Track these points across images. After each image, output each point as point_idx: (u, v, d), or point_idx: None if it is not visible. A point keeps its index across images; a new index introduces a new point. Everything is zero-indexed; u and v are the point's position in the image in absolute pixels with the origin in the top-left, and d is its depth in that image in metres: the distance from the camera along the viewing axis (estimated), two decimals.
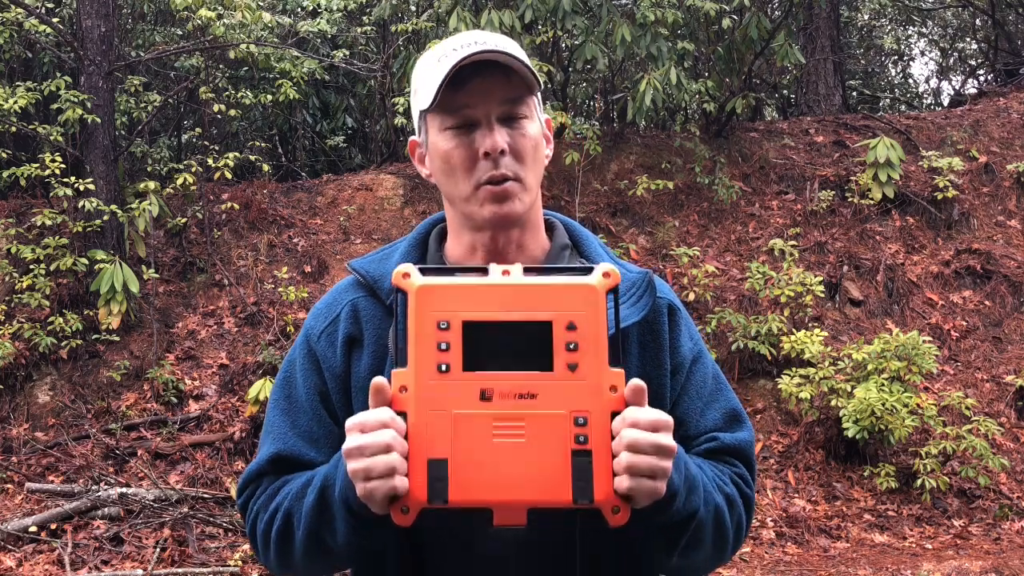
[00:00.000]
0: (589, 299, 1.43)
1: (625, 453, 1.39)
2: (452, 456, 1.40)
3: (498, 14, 8.60)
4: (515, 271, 1.45)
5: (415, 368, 1.42)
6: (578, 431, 1.41)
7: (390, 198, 9.93)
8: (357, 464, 1.40)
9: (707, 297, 8.58)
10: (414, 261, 1.70)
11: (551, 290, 1.44)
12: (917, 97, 17.39)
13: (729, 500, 1.66)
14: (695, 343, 1.76)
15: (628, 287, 1.68)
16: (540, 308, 1.42)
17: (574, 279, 1.45)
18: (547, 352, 1.42)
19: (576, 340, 1.42)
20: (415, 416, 1.41)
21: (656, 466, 1.40)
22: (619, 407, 1.42)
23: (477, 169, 1.61)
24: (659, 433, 1.41)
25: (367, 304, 1.69)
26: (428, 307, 1.42)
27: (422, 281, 1.44)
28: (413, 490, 1.39)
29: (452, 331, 1.41)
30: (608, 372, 1.43)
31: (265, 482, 1.68)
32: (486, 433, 1.40)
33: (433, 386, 1.41)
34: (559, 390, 1.41)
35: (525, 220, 1.67)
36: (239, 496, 1.72)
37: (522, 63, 1.59)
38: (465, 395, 1.41)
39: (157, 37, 11.38)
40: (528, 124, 1.63)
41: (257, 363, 8.17)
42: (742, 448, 1.73)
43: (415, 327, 1.42)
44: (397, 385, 1.43)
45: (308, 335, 1.73)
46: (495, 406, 1.41)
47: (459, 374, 1.41)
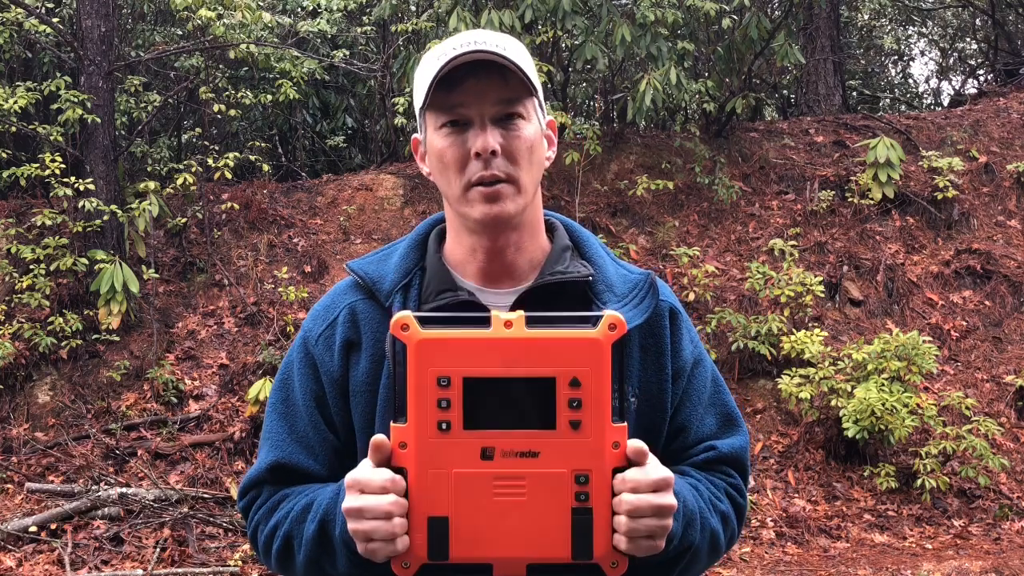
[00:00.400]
0: (593, 354, 1.41)
1: (625, 518, 1.40)
2: (453, 514, 1.40)
3: (498, 14, 8.60)
4: (517, 322, 1.42)
5: (415, 425, 1.41)
6: (579, 489, 1.41)
7: (390, 198, 9.93)
8: (358, 526, 1.42)
9: (707, 297, 8.58)
10: (414, 263, 1.70)
11: (554, 344, 1.41)
12: (917, 97, 17.39)
13: (724, 519, 1.67)
14: (695, 346, 1.76)
15: (630, 289, 1.67)
16: (543, 363, 1.41)
17: (578, 332, 1.42)
18: (550, 409, 1.41)
19: (579, 397, 1.41)
20: (416, 474, 1.41)
21: (656, 527, 1.42)
22: (621, 463, 1.42)
23: (468, 169, 1.60)
24: (660, 493, 1.42)
25: (365, 307, 1.68)
26: (428, 362, 1.40)
27: (422, 334, 1.41)
28: (414, 547, 1.41)
29: (453, 388, 1.40)
30: (611, 428, 1.42)
31: (266, 491, 1.69)
32: (487, 491, 1.41)
33: (434, 444, 1.41)
34: (561, 448, 1.41)
35: (521, 221, 1.65)
36: (240, 499, 1.73)
37: (516, 65, 1.57)
38: (466, 454, 1.41)
39: (157, 37, 11.38)
40: (524, 125, 1.61)
41: (257, 363, 8.17)
42: (738, 456, 1.74)
43: (414, 382, 1.41)
44: (397, 441, 1.42)
45: (306, 338, 1.73)
46: (496, 465, 1.40)
47: (460, 432, 1.40)
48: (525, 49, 1.68)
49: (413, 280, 1.68)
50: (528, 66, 1.62)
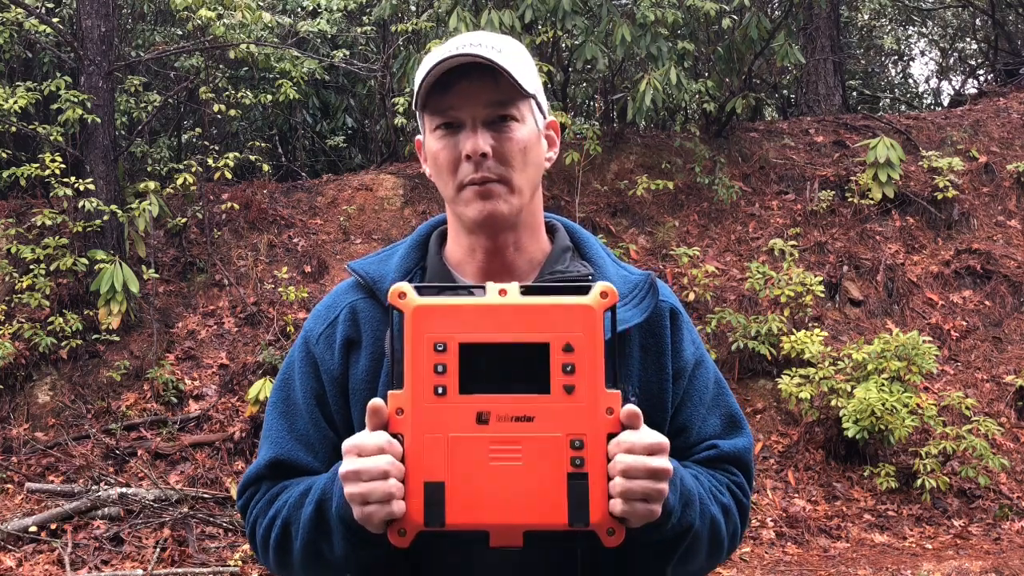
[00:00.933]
0: (586, 320, 1.43)
1: (620, 478, 1.40)
2: (449, 479, 1.41)
3: (498, 14, 8.60)
4: (512, 290, 1.44)
5: (411, 390, 1.42)
6: (574, 454, 1.41)
7: (390, 198, 9.93)
8: (354, 488, 1.41)
9: (707, 297, 8.58)
10: (414, 263, 1.71)
11: (548, 311, 1.43)
12: (917, 97, 17.39)
13: (725, 510, 1.67)
14: (697, 347, 1.76)
15: (630, 289, 1.68)
16: (537, 329, 1.42)
17: (571, 299, 1.44)
18: (544, 374, 1.42)
19: (573, 362, 1.42)
20: (412, 439, 1.42)
21: (651, 490, 1.42)
22: (615, 429, 1.43)
23: (460, 171, 1.61)
24: (654, 456, 1.42)
25: (366, 306, 1.69)
26: (424, 328, 1.42)
27: (418, 301, 1.43)
28: (410, 513, 1.41)
29: (449, 353, 1.41)
30: (605, 394, 1.43)
31: (264, 487, 1.69)
32: (483, 456, 1.41)
33: (430, 409, 1.41)
34: (556, 412, 1.42)
35: (518, 221, 1.66)
36: (239, 498, 1.73)
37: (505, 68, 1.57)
38: (462, 418, 1.41)
39: (157, 37, 11.38)
40: (517, 127, 1.62)
41: (257, 363, 8.17)
42: (740, 455, 1.73)
43: (411, 348, 1.42)
44: (393, 407, 1.43)
45: (307, 337, 1.74)
46: (492, 429, 1.41)
47: (456, 397, 1.41)
48: (524, 51, 1.68)
49: (414, 279, 1.69)
50: (523, 68, 1.62)
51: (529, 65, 1.66)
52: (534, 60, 1.78)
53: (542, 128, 1.69)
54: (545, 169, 1.72)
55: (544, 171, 1.72)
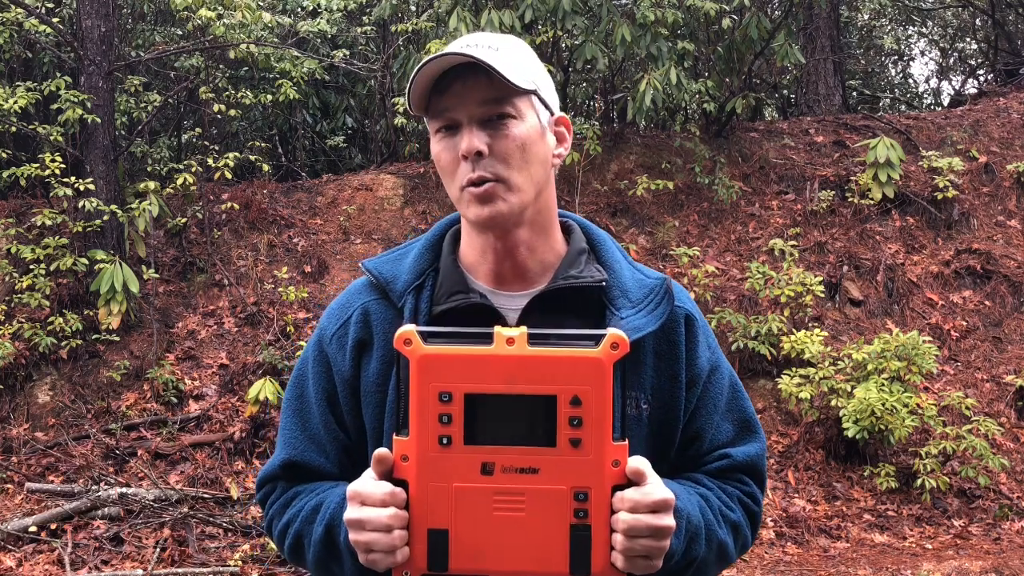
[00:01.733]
0: (595, 373, 1.41)
1: (622, 537, 1.41)
2: (453, 527, 1.42)
3: (498, 14, 8.60)
4: (520, 339, 1.42)
5: (416, 439, 1.42)
6: (578, 506, 1.42)
7: (390, 198, 9.92)
8: (358, 537, 1.44)
9: (707, 297, 8.58)
10: (428, 263, 1.70)
11: (556, 362, 1.42)
12: (917, 97, 17.39)
13: (734, 528, 1.67)
14: (712, 352, 1.74)
15: (645, 294, 1.66)
16: (544, 381, 1.41)
17: (580, 350, 1.43)
18: (550, 426, 1.41)
19: (580, 415, 1.41)
20: (416, 487, 1.43)
21: (652, 548, 1.43)
22: (621, 481, 1.43)
23: (459, 172, 1.60)
24: (658, 515, 1.42)
25: (378, 307, 1.69)
26: (430, 377, 1.42)
27: (424, 349, 1.42)
28: (414, 558, 1.43)
29: (454, 403, 1.41)
30: (611, 447, 1.43)
31: (280, 487, 1.73)
32: (487, 506, 1.42)
33: (435, 458, 1.42)
34: (561, 465, 1.42)
35: (525, 220, 1.64)
36: (258, 491, 1.78)
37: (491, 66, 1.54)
38: (466, 468, 1.42)
39: (157, 37, 11.38)
40: (514, 124, 1.59)
41: (257, 363, 8.17)
42: (753, 463, 1.73)
43: (416, 397, 1.42)
44: (399, 453, 1.44)
45: (321, 336, 1.74)
46: (496, 480, 1.42)
47: (460, 447, 1.42)
48: (525, 48, 1.66)
49: (426, 281, 1.68)
50: (520, 65, 1.60)
51: (529, 61, 1.64)
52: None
53: (546, 124, 1.66)
54: (555, 166, 1.69)
55: (555, 167, 1.69)
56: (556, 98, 1.72)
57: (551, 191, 1.70)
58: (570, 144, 1.73)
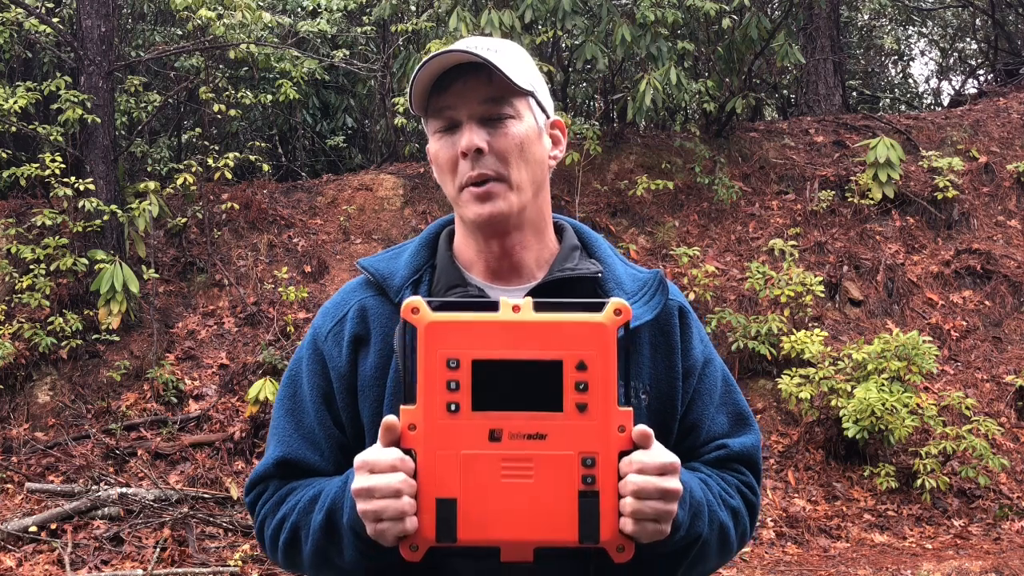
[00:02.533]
0: (600, 338, 1.42)
1: (631, 499, 1.42)
2: (461, 495, 1.42)
3: (498, 14, 8.60)
4: (525, 306, 1.44)
5: (424, 407, 1.42)
6: (586, 472, 1.42)
7: (390, 198, 9.92)
8: (367, 505, 1.43)
9: (707, 297, 8.58)
10: (424, 260, 1.71)
11: (561, 328, 1.43)
12: (917, 97, 17.39)
13: (734, 513, 1.68)
14: (705, 345, 1.77)
15: (640, 287, 1.69)
16: (550, 347, 1.42)
17: (585, 316, 1.44)
18: (557, 392, 1.42)
19: (586, 380, 1.42)
20: (424, 456, 1.42)
21: (661, 510, 1.43)
22: (627, 447, 1.44)
23: (459, 170, 1.61)
24: (665, 477, 1.43)
25: (375, 303, 1.69)
26: (437, 344, 1.42)
27: (431, 317, 1.43)
28: (422, 529, 1.42)
29: (462, 370, 1.41)
30: (617, 412, 1.43)
31: (272, 486, 1.70)
32: (495, 473, 1.42)
33: (442, 425, 1.42)
34: (568, 430, 1.42)
35: (522, 220, 1.66)
36: (247, 495, 1.74)
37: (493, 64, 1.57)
38: (474, 435, 1.42)
39: (157, 37, 11.38)
40: (513, 123, 1.61)
41: (257, 363, 8.17)
42: (749, 453, 1.75)
43: (424, 364, 1.42)
44: (406, 423, 1.43)
45: (316, 334, 1.74)
46: (504, 446, 1.42)
47: (468, 414, 1.42)
48: (522, 51, 1.68)
49: (423, 277, 1.69)
50: (519, 67, 1.62)
51: (526, 64, 1.66)
52: (534, 60, 1.78)
53: (543, 126, 1.68)
54: (551, 168, 1.71)
55: (550, 169, 1.71)
56: (551, 102, 1.74)
57: (547, 193, 1.72)
58: (565, 147, 1.75)
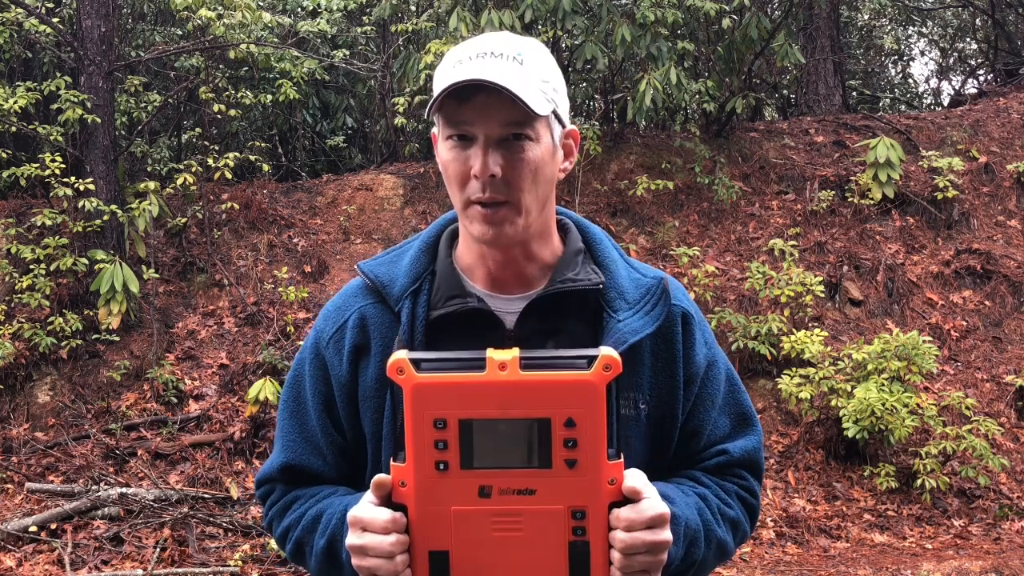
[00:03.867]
0: (588, 395, 1.42)
1: (619, 554, 1.43)
2: (453, 549, 1.44)
3: (498, 14, 8.60)
4: (512, 365, 1.42)
5: (413, 465, 1.44)
6: (576, 524, 1.44)
7: (390, 198, 9.92)
8: (362, 562, 1.47)
9: (707, 297, 8.58)
10: (424, 267, 1.69)
11: (549, 386, 1.42)
12: (917, 97, 17.39)
13: (734, 525, 1.69)
14: (709, 348, 1.75)
15: (642, 295, 1.67)
16: (538, 406, 1.42)
17: (572, 374, 1.43)
18: (546, 449, 1.43)
19: (575, 437, 1.42)
20: (416, 511, 1.45)
21: (650, 563, 1.45)
22: (617, 498, 1.45)
23: (468, 187, 1.58)
24: (654, 530, 1.44)
25: (375, 311, 1.68)
26: (424, 405, 1.43)
27: (417, 378, 1.43)
28: None
29: (449, 430, 1.42)
30: (607, 466, 1.44)
31: (279, 489, 1.75)
32: (485, 527, 1.44)
33: (432, 483, 1.44)
34: (557, 486, 1.43)
35: (528, 236, 1.63)
36: (257, 489, 1.79)
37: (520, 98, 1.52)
38: (464, 492, 1.44)
39: (157, 37, 11.38)
40: (530, 146, 1.57)
41: (257, 363, 8.17)
42: (750, 457, 1.75)
43: (412, 425, 1.43)
44: (397, 479, 1.46)
45: (318, 338, 1.73)
46: (494, 502, 1.44)
47: (457, 472, 1.43)
48: (547, 56, 1.63)
49: (423, 285, 1.67)
50: (544, 80, 1.58)
51: (552, 72, 1.62)
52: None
53: (559, 141, 1.64)
54: (559, 179, 1.67)
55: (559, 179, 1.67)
56: (567, 105, 1.70)
57: (552, 200, 1.69)
58: (576, 156, 1.71)
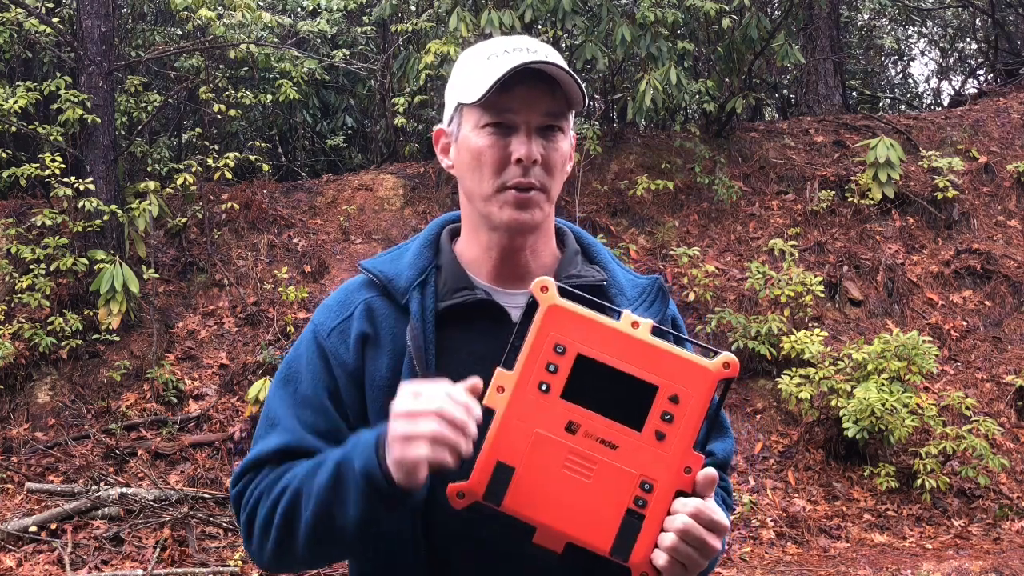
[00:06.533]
0: (701, 381, 1.47)
1: (674, 536, 1.45)
2: (520, 467, 1.46)
3: (498, 14, 8.60)
4: (644, 325, 1.48)
5: (519, 376, 1.47)
6: (639, 494, 1.46)
7: (390, 198, 9.92)
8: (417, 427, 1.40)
9: (707, 297, 8.58)
10: (428, 260, 1.71)
11: (670, 358, 1.47)
12: (917, 97, 17.39)
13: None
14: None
15: (639, 293, 1.73)
16: (654, 371, 1.46)
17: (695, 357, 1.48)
18: (643, 413, 1.46)
19: (674, 413, 1.46)
20: (503, 419, 1.46)
21: (695, 561, 1.47)
22: (687, 488, 1.47)
23: (506, 172, 1.63)
24: (712, 534, 1.46)
25: (381, 304, 1.68)
26: (553, 326, 1.47)
27: (557, 300, 1.48)
28: (473, 483, 1.45)
29: (566, 357, 1.46)
30: (690, 454, 1.47)
31: (267, 470, 1.62)
32: (558, 461, 1.46)
33: (529, 399, 1.46)
34: (639, 451, 1.46)
35: (541, 229, 1.69)
36: (234, 485, 1.66)
37: (576, 80, 1.61)
38: (554, 420, 1.46)
39: (157, 37, 11.38)
40: (562, 138, 1.66)
41: (257, 363, 8.17)
42: (728, 459, 1.80)
43: (534, 339, 1.47)
44: (497, 384, 1.47)
45: (316, 331, 1.71)
46: (576, 441, 1.46)
47: (556, 399, 1.46)
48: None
49: (429, 277, 1.69)
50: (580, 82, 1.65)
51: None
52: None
53: (572, 142, 1.72)
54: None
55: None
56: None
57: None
58: (574, 159, 1.79)
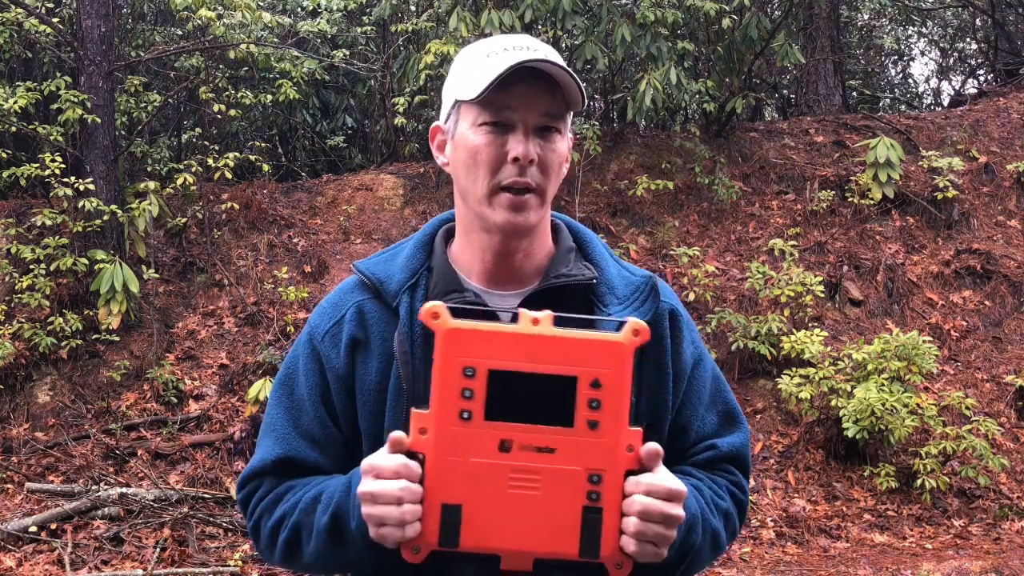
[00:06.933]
0: (616, 357, 1.44)
1: (635, 519, 1.43)
2: (466, 502, 1.43)
3: (498, 14, 8.60)
4: (544, 320, 1.45)
5: (437, 412, 1.43)
6: (591, 488, 1.44)
7: (390, 198, 9.92)
8: (371, 510, 1.44)
9: (707, 297, 8.58)
10: (420, 263, 1.71)
11: (579, 344, 1.44)
12: (917, 97, 17.39)
13: (726, 517, 1.70)
14: (696, 346, 1.77)
15: (631, 291, 1.70)
16: (567, 362, 1.43)
17: (603, 335, 1.45)
18: (569, 407, 1.43)
19: (599, 398, 1.43)
20: (433, 461, 1.43)
21: (663, 535, 1.45)
22: (634, 467, 1.45)
23: (502, 171, 1.61)
24: (671, 503, 1.45)
25: (373, 307, 1.68)
26: (455, 351, 1.43)
27: (451, 324, 1.44)
28: (425, 532, 1.43)
29: (477, 379, 1.43)
30: (627, 432, 1.45)
31: (267, 483, 1.68)
32: (502, 482, 1.43)
33: (454, 432, 1.43)
34: (577, 446, 1.44)
35: (535, 230, 1.67)
36: (239, 491, 1.72)
37: (576, 83, 1.60)
38: (484, 444, 1.43)
39: (157, 37, 11.38)
40: (559, 139, 1.64)
41: (257, 363, 8.17)
42: (739, 453, 1.77)
43: (440, 370, 1.43)
44: (417, 427, 1.44)
45: (312, 333, 1.73)
46: (513, 457, 1.43)
47: (480, 423, 1.43)
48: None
49: (420, 280, 1.68)
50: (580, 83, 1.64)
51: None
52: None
53: (569, 143, 1.71)
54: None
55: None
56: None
57: None
58: (571, 160, 1.76)
